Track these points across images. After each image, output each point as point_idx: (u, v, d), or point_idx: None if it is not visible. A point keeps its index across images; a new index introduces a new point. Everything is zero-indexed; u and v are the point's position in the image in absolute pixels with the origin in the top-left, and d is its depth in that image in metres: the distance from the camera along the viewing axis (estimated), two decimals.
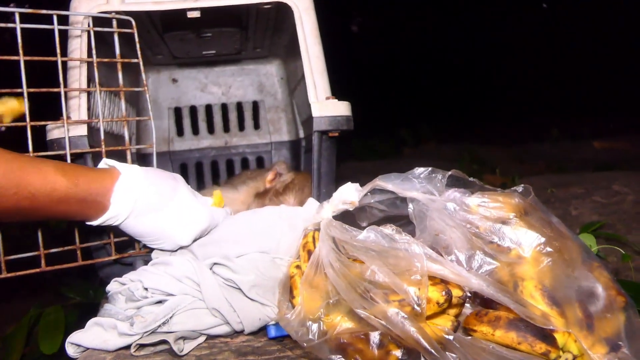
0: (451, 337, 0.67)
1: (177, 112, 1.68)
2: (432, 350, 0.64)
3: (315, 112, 0.99)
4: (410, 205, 0.89)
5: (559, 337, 0.74)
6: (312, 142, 1.00)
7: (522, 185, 0.92)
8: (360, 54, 5.52)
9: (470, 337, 0.73)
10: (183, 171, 1.68)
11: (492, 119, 4.83)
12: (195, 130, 1.69)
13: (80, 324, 1.40)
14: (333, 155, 1.04)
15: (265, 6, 1.09)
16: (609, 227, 1.52)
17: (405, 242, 0.74)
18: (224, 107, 1.70)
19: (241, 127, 1.71)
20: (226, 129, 1.71)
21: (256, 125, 1.71)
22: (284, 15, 1.17)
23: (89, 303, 1.55)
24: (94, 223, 0.86)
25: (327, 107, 0.99)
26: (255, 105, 1.70)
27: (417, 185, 0.90)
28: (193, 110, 1.68)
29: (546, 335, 0.73)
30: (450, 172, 0.93)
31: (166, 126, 1.66)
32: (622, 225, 1.53)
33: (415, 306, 0.68)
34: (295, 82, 1.49)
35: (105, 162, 0.89)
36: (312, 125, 1.02)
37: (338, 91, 1.11)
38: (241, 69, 1.66)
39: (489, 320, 0.76)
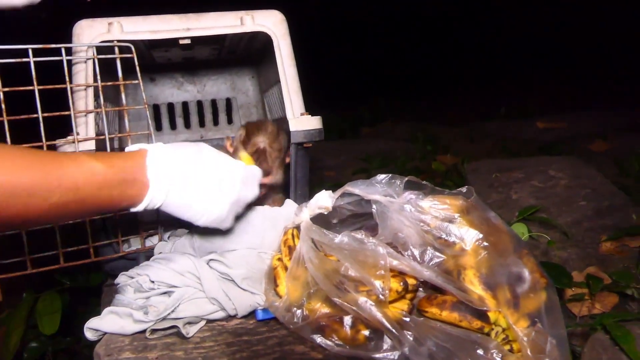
0: (408, 319, 0.86)
1: (156, 108, 1.80)
2: (393, 330, 0.83)
3: (292, 127, 1.15)
4: (374, 207, 1.07)
5: (491, 315, 0.94)
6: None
7: (466, 187, 1.11)
8: (316, 32, 5.62)
9: (422, 318, 0.92)
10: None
11: (445, 97, 5.03)
12: (173, 126, 1.82)
13: (73, 305, 1.55)
14: (307, 162, 1.20)
15: (248, 34, 1.23)
16: (544, 211, 1.71)
17: (372, 244, 0.92)
18: (200, 104, 1.83)
19: (215, 122, 1.85)
20: (201, 124, 1.84)
21: (229, 120, 1.85)
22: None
23: (78, 287, 1.69)
24: (140, 207, 0.86)
25: (302, 123, 1.16)
26: (229, 102, 1.83)
27: (379, 190, 1.07)
28: (170, 107, 1.81)
29: (481, 314, 0.93)
30: (407, 178, 1.11)
31: (145, 122, 1.79)
32: (554, 208, 1.73)
33: (380, 295, 0.86)
34: (267, 85, 1.63)
35: (130, 147, 0.91)
36: (282, 123, 1.16)
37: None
38: (216, 69, 1.79)
39: (437, 303, 0.95)
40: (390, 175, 1.10)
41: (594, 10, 4.99)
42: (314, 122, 1.17)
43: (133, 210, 0.87)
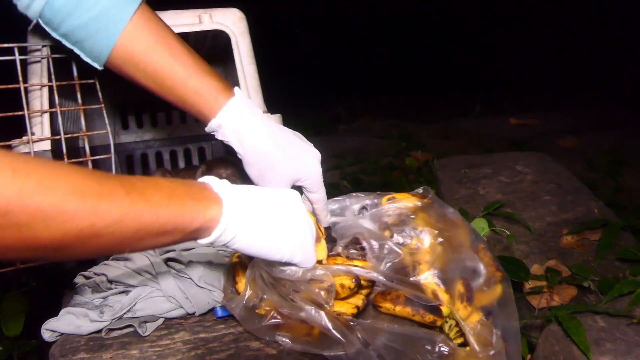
0: (354, 323, 0.87)
1: (122, 106, 1.79)
2: (339, 335, 0.84)
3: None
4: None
5: (444, 309, 0.95)
6: None
7: (422, 187, 1.13)
8: (295, 30, 5.62)
9: (369, 320, 0.92)
10: (129, 162, 1.80)
11: (422, 94, 5.06)
12: (140, 124, 1.82)
13: (40, 308, 1.53)
14: None
15: (212, 32, 1.23)
16: (510, 205, 1.73)
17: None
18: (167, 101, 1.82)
19: (183, 120, 1.85)
20: (169, 122, 1.84)
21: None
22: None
23: (45, 288, 1.68)
24: (210, 238, 0.75)
25: None
26: None
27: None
28: (137, 105, 1.80)
29: (434, 308, 0.94)
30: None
31: (112, 122, 1.78)
32: (520, 203, 1.75)
33: (324, 304, 0.87)
34: (233, 83, 1.63)
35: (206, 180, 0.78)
36: None
37: (274, 68, 1.26)
38: None
39: (391, 298, 0.96)
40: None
41: (567, 10, 5.06)
42: (274, 121, 1.18)
43: (203, 241, 0.75)
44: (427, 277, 0.97)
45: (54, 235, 0.58)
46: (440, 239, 1.02)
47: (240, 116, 0.97)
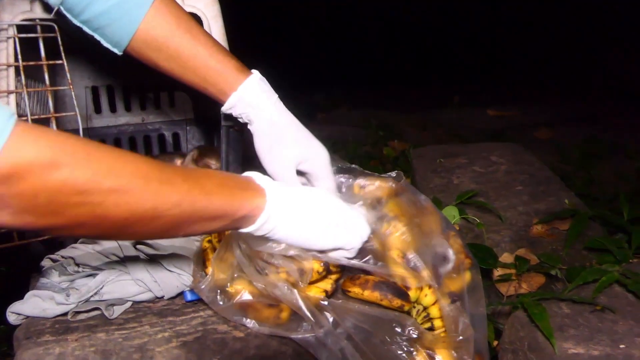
0: (326, 302, 0.87)
1: (95, 90, 1.76)
2: (309, 314, 0.85)
3: (224, 109, 1.14)
4: None
5: (412, 294, 0.96)
6: (220, 133, 1.17)
7: (395, 171, 1.13)
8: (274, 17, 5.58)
9: (341, 301, 0.93)
10: None
11: (400, 85, 5.07)
12: (113, 108, 1.79)
13: (4, 292, 1.52)
14: (239, 145, 1.20)
15: None
16: (483, 195, 1.75)
17: None
18: (141, 86, 1.80)
19: (157, 105, 1.83)
20: (142, 107, 1.81)
21: (171, 103, 1.83)
22: None
23: (14, 272, 1.65)
24: (255, 226, 0.80)
25: None
26: (172, 85, 1.81)
27: None
28: (110, 89, 1.78)
29: (402, 293, 0.95)
30: (338, 165, 1.13)
31: (84, 104, 1.75)
32: (493, 192, 1.77)
33: (299, 281, 0.87)
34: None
35: (250, 175, 0.84)
36: None
37: (251, 54, 1.25)
38: None
39: (360, 283, 0.97)
40: None
41: (549, 6, 5.10)
42: None
43: (247, 230, 0.80)
44: (396, 263, 0.98)
45: (122, 214, 0.65)
46: (411, 225, 1.03)
47: (260, 91, 1.01)
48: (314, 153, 1.04)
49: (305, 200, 0.85)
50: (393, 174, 1.13)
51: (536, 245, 1.46)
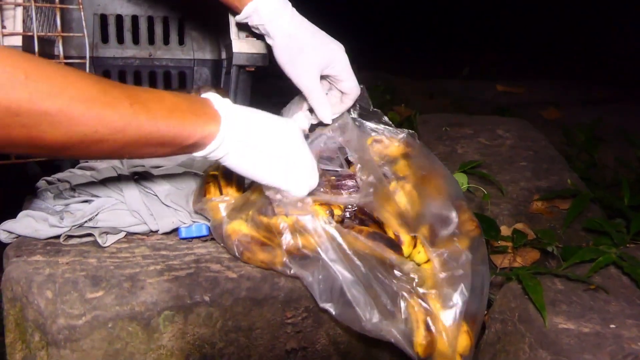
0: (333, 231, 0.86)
1: (103, 19, 1.72)
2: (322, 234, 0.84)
3: (235, 48, 1.11)
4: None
5: (405, 249, 0.95)
6: (230, 74, 1.14)
7: (409, 131, 1.11)
8: None
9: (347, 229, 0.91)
10: (105, 77, 1.74)
11: (414, 50, 4.99)
12: (120, 39, 1.74)
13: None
14: (248, 87, 1.17)
15: None
16: (486, 167, 1.74)
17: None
18: (150, 20, 1.75)
19: (166, 41, 1.78)
20: (151, 41, 1.77)
21: (181, 41, 1.78)
22: None
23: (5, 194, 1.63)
24: (205, 151, 0.78)
25: (246, 45, 1.12)
26: (181, 22, 1.76)
27: None
28: (119, 19, 1.73)
29: (395, 245, 0.94)
30: (360, 106, 1.11)
31: (91, 32, 1.71)
32: (496, 165, 1.76)
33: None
34: (223, 7, 1.57)
35: (209, 97, 0.81)
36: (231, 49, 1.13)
37: None
38: None
39: (355, 233, 0.95)
40: None
41: None
42: (258, 46, 1.14)
43: (196, 154, 0.79)
44: (393, 216, 0.96)
45: (59, 137, 0.63)
46: (419, 187, 1.01)
47: (276, 2, 0.99)
48: (334, 57, 1.02)
49: (263, 131, 0.83)
50: (405, 134, 1.11)
51: (534, 221, 1.45)
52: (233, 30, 1.16)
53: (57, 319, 0.80)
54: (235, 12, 1.03)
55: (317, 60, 1.00)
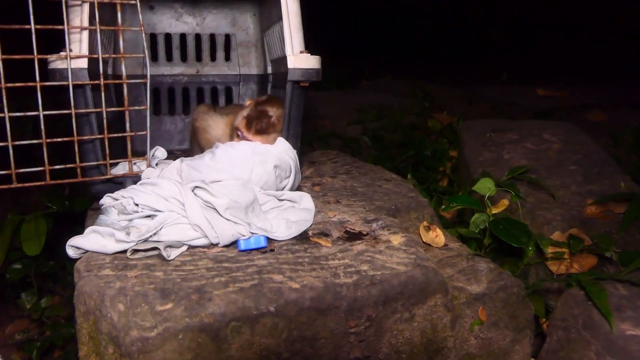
0: None
1: (153, 38, 1.77)
2: None
3: (290, 64, 1.13)
4: None
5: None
6: (286, 90, 1.15)
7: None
8: None
9: None
10: (155, 95, 1.79)
11: (447, 58, 4.97)
12: (169, 57, 1.79)
13: (56, 230, 1.54)
14: (302, 102, 1.19)
15: None
16: (534, 172, 1.71)
17: None
18: (198, 37, 1.80)
19: (213, 57, 1.82)
20: (198, 58, 1.81)
21: (227, 57, 1.82)
22: None
23: (62, 212, 1.68)
24: None
25: (300, 60, 1.14)
26: (228, 38, 1.80)
27: None
28: (168, 37, 1.78)
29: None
30: None
31: (141, 51, 1.76)
32: (544, 170, 1.73)
33: None
34: (269, 23, 1.60)
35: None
36: (280, 64, 1.15)
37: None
38: (217, 3, 1.76)
39: None
40: None
41: None
42: (312, 61, 1.16)
43: None
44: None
45: None
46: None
47: None
48: None
49: None
50: None
51: (588, 226, 1.43)
52: (287, 45, 1.18)
53: (130, 331, 0.83)
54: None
55: None
